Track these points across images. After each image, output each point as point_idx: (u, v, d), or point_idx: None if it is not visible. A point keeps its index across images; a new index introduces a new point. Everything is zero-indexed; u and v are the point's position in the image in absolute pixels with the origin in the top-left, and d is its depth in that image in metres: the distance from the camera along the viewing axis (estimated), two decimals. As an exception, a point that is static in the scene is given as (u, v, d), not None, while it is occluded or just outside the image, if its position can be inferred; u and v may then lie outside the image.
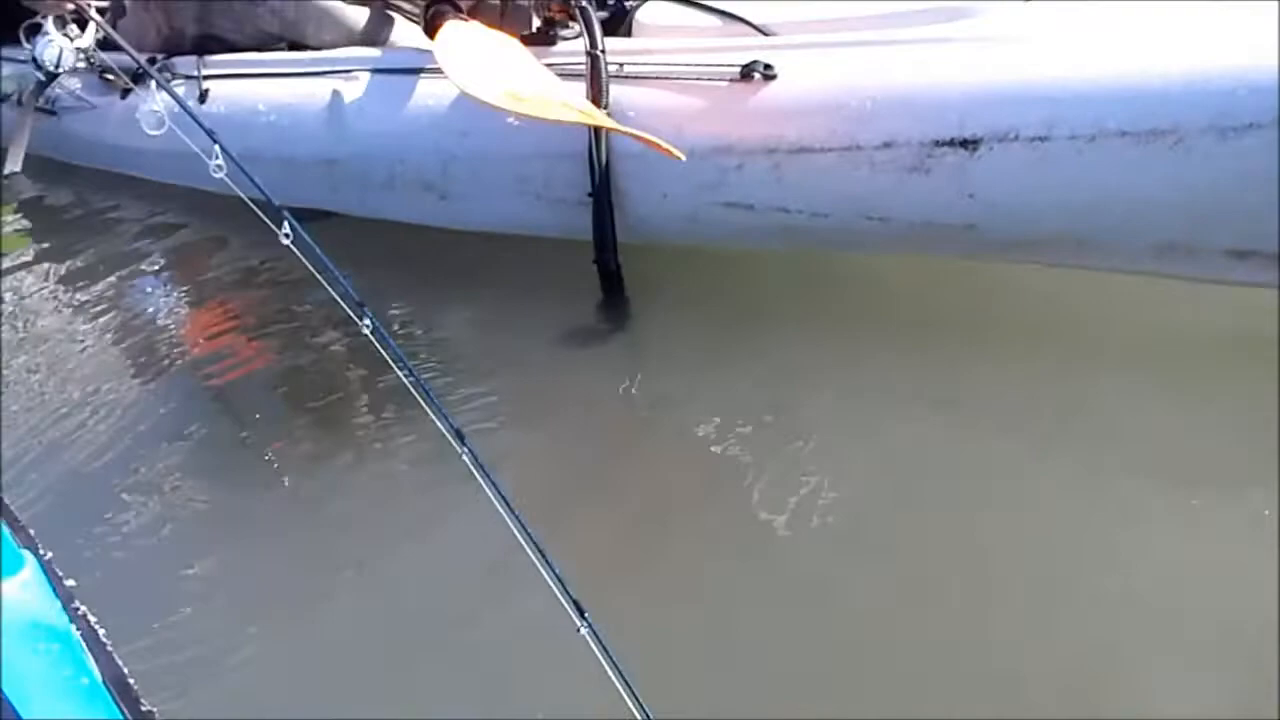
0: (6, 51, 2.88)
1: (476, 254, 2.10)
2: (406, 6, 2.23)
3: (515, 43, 1.91)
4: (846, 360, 1.71)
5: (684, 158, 1.61)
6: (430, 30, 2.06)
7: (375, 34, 2.31)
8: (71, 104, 2.62)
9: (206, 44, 2.46)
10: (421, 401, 1.26)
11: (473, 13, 2.15)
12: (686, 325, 1.84)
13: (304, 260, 1.43)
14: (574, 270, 1.92)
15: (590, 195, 1.84)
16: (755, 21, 1.80)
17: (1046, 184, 1.55)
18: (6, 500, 1.16)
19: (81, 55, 2.38)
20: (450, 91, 1.96)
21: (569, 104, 1.68)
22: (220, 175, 1.59)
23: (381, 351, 1.31)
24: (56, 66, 2.31)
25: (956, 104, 1.57)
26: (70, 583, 1.06)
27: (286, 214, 1.43)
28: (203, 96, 2.34)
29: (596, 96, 1.79)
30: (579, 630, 0.99)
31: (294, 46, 2.36)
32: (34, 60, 2.33)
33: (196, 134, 1.64)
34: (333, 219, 2.25)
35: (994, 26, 1.63)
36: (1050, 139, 1.52)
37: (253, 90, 2.28)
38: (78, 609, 1.03)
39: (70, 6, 2.23)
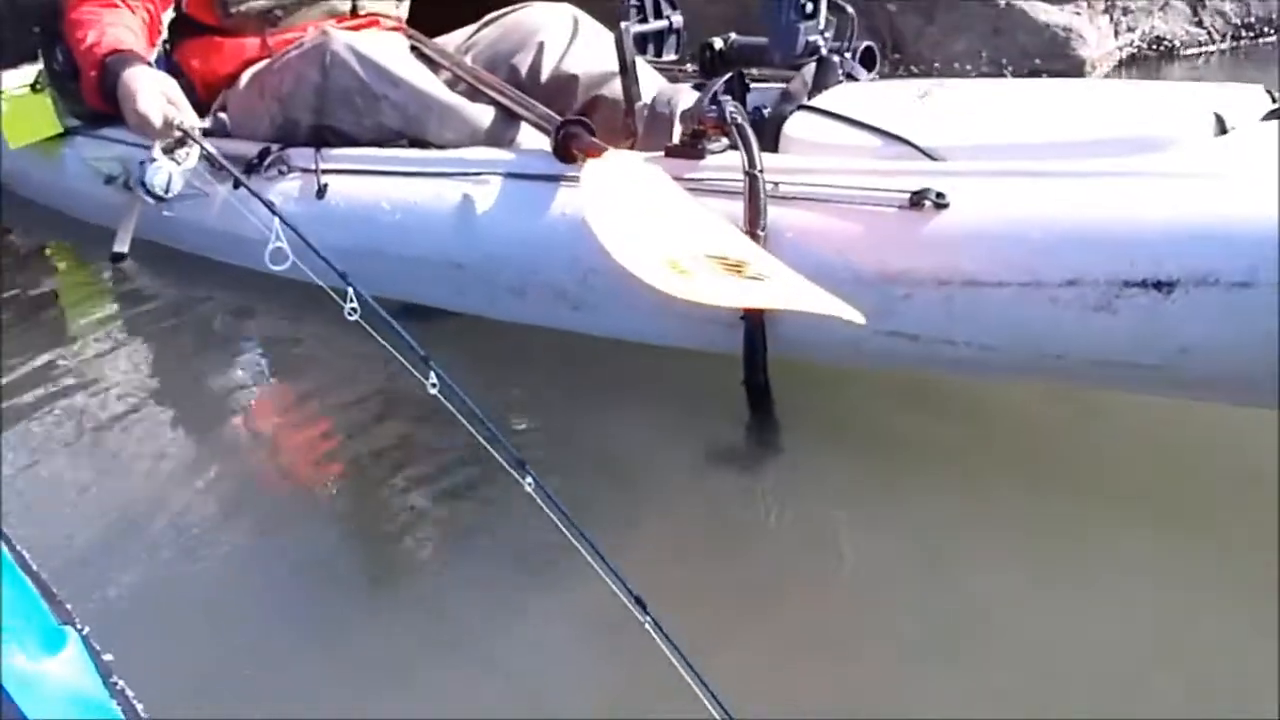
0: (110, 131, 2.86)
1: (608, 359, 2.03)
2: (530, 115, 2.18)
3: (664, 177, 1.84)
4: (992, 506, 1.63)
5: (864, 322, 1.51)
6: (561, 151, 2.01)
7: (500, 135, 2.27)
8: (186, 191, 2.58)
9: (322, 135, 2.43)
10: (597, 566, 1.18)
11: (605, 125, 2.10)
12: (839, 452, 1.76)
13: (455, 411, 1.36)
14: (719, 384, 1.86)
15: (742, 318, 1.78)
16: (920, 144, 1.73)
17: (1246, 330, 1.47)
18: (45, 576, 1.18)
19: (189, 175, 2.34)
20: (592, 202, 1.91)
21: (726, 261, 1.58)
22: (354, 318, 1.52)
23: (548, 512, 1.24)
24: (166, 192, 2.27)
25: (1151, 243, 1.50)
26: (108, 657, 1.08)
27: (433, 365, 1.36)
28: (321, 191, 2.30)
29: (754, 218, 1.74)
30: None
31: (414, 143, 2.33)
32: (142, 185, 2.29)
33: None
34: (451, 318, 2.20)
35: (1186, 162, 1.56)
36: (1253, 286, 1.45)
37: (375, 187, 2.24)
38: (116, 683, 1.06)
39: (178, 134, 2.20)
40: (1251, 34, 4.01)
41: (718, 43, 2.48)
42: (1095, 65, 3.76)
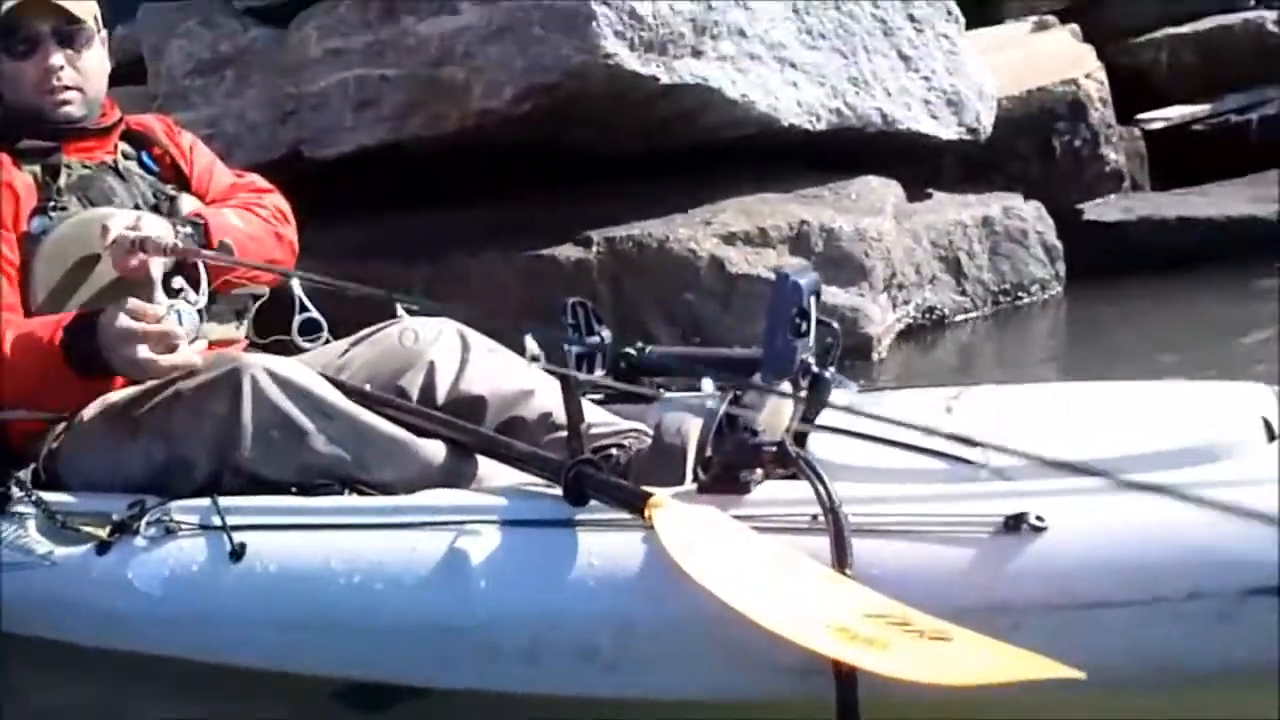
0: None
1: None
2: (510, 453, 1.97)
3: (729, 520, 1.70)
4: None
5: (1085, 677, 1.37)
6: (574, 493, 1.81)
7: (458, 474, 2.03)
8: (16, 559, 2.11)
9: (217, 481, 2.08)
10: None
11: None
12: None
13: None
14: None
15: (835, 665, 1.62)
16: (990, 463, 1.70)
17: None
18: None
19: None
20: (631, 548, 1.72)
21: (890, 619, 1.44)
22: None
23: None
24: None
25: (1266, 550, 1.52)
26: None
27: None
28: (237, 552, 1.95)
29: (842, 557, 1.61)
30: None
31: (347, 485, 2.04)
32: None
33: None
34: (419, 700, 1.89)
35: (1255, 468, 1.62)
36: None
37: (317, 544, 1.91)
38: None
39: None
40: (1009, 298, 4.47)
41: (632, 353, 2.42)
42: (880, 340, 4.01)
